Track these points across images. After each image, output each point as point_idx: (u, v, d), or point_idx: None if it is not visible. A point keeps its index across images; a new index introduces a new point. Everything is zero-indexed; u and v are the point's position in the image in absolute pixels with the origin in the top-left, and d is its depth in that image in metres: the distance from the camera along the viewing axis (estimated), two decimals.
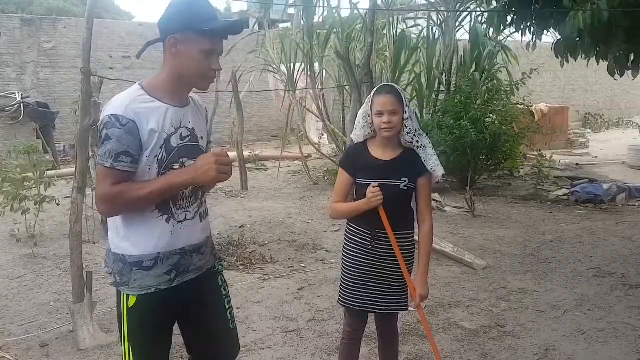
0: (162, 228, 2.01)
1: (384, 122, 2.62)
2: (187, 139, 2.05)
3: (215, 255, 2.29)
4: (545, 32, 5.42)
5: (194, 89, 2.10)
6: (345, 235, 2.84)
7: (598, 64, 5.64)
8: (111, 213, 1.99)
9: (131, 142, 1.89)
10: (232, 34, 2.03)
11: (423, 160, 2.69)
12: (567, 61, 5.53)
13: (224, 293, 2.27)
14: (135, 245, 2.00)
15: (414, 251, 2.79)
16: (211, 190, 2.39)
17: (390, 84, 2.78)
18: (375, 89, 2.77)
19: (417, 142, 2.69)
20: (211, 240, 2.27)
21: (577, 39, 4.77)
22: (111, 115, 1.91)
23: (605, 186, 8.31)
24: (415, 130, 2.68)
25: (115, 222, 2.03)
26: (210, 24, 1.95)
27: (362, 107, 2.80)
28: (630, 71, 5.19)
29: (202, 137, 2.12)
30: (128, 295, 2.03)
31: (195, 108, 2.14)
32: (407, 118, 2.65)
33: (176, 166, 2.00)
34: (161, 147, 1.96)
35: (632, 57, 5.09)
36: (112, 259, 2.05)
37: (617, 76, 5.21)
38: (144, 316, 2.03)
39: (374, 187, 2.60)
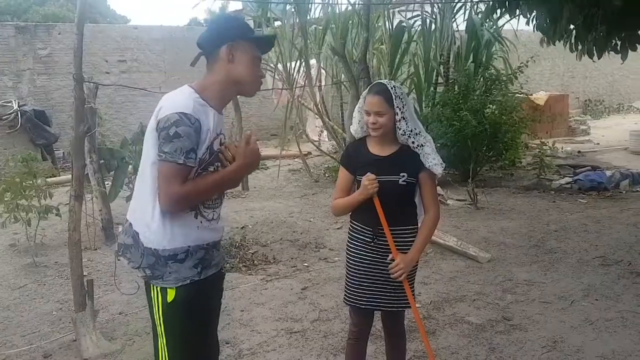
0: (190, 223, 2.10)
1: (370, 122, 2.63)
2: (223, 145, 2.17)
3: (224, 254, 2.40)
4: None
5: (240, 95, 2.28)
6: (349, 233, 2.84)
7: (577, 48, 5.57)
8: (179, 211, 2.06)
9: (197, 140, 1.99)
10: (270, 45, 2.32)
11: (421, 159, 2.65)
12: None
13: (222, 295, 2.42)
14: (168, 239, 2.06)
15: None
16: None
17: (384, 82, 2.72)
18: (369, 86, 2.75)
19: (413, 142, 2.66)
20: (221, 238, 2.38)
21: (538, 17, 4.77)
22: (181, 113, 1.97)
23: (608, 173, 8.27)
24: (411, 131, 2.64)
25: (144, 217, 2.09)
26: (258, 34, 2.21)
27: (358, 102, 2.80)
28: (604, 53, 5.16)
29: None
30: (165, 290, 2.08)
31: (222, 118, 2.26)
32: (399, 119, 2.62)
33: (211, 168, 2.10)
34: (207, 149, 2.06)
35: (620, 41, 5.04)
36: (140, 253, 2.09)
37: (592, 57, 5.16)
38: (183, 310, 2.10)
39: (369, 176, 2.59)
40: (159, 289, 2.09)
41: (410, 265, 2.65)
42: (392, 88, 2.64)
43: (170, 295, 2.07)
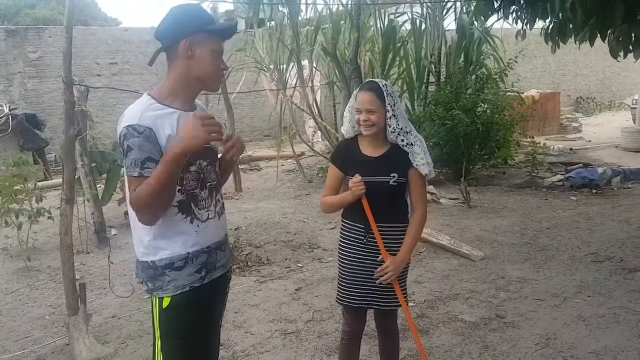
0: (186, 229, 2.06)
1: (362, 120, 2.62)
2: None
3: (231, 254, 2.38)
4: (536, 19, 5.33)
5: (204, 90, 2.17)
6: (340, 232, 2.84)
7: (592, 46, 5.56)
8: (143, 214, 1.96)
9: (151, 148, 1.93)
10: (231, 35, 2.14)
11: (409, 157, 2.66)
12: (558, 46, 5.48)
13: (226, 299, 2.39)
14: (163, 248, 2.04)
15: None
16: (232, 168, 2.41)
17: (375, 80, 2.73)
18: (360, 85, 2.74)
19: (402, 140, 2.65)
20: (227, 237, 2.32)
21: (569, 19, 4.70)
22: (127, 126, 1.94)
23: (599, 170, 8.31)
24: (401, 129, 2.64)
25: (138, 232, 2.07)
26: (216, 25, 2.07)
27: (349, 102, 2.79)
28: (630, 53, 5.12)
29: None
30: (162, 299, 2.06)
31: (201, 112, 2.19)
32: (390, 117, 2.62)
33: (192, 168, 2.05)
34: None
35: (634, 38, 5.01)
36: (140, 268, 2.09)
37: (616, 58, 5.14)
38: (178, 316, 2.08)
39: (356, 178, 2.59)
40: (156, 298, 2.09)
41: (400, 266, 2.65)
42: (383, 86, 2.64)
43: (166, 301, 2.06)
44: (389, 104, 2.62)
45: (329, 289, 4.57)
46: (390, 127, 2.63)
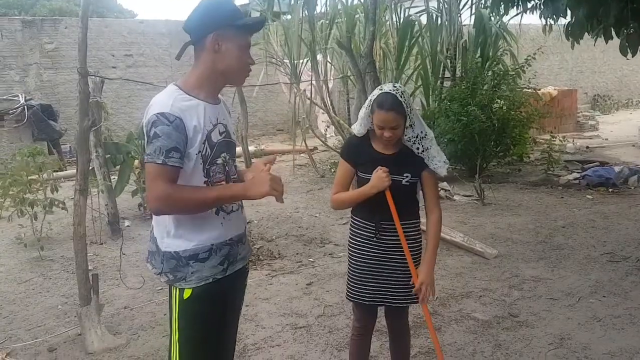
0: (212, 220, 2.06)
1: (386, 137, 2.55)
2: (224, 134, 2.11)
3: (250, 247, 2.38)
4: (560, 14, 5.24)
5: (229, 84, 2.17)
6: (350, 228, 2.81)
7: (607, 43, 5.47)
8: (164, 212, 2.00)
9: (179, 138, 1.93)
10: (259, 29, 2.15)
11: (426, 161, 2.62)
12: (578, 42, 5.39)
13: (244, 291, 2.38)
14: (188, 240, 2.04)
15: (421, 241, 2.74)
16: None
17: (392, 92, 2.54)
18: (376, 97, 2.57)
19: (418, 148, 2.61)
20: (247, 230, 2.32)
21: (572, 17, 4.67)
22: (159, 113, 1.94)
23: (616, 169, 8.18)
24: (416, 137, 2.60)
25: (163, 222, 2.07)
26: (245, 19, 2.07)
27: (363, 107, 2.68)
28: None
29: (233, 133, 2.21)
30: (182, 289, 2.06)
31: (224, 106, 2.20)
32: (408, 126, 2.58)
33: (219, 161, 2.07)
34: (204, 143, 2.00)
35: None
36: (161, 259, 2.08)
37: (629, 56, 5.04)
38: (199, 308, 2.08)
39: (383, 170, 2.53)
40: (176, 289, 2.07)
41: (431, 276, 2.62)
42: (400, 96, 2.52)
43: (187, 292, 2.05)
44: (407, 114, 2.55)
45: (340, 284, 4.56)
46: (406, 135, 2.59)
